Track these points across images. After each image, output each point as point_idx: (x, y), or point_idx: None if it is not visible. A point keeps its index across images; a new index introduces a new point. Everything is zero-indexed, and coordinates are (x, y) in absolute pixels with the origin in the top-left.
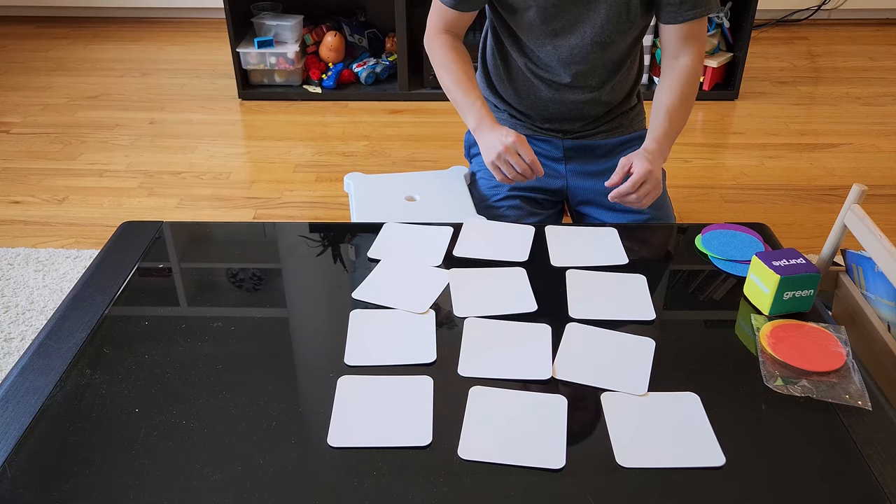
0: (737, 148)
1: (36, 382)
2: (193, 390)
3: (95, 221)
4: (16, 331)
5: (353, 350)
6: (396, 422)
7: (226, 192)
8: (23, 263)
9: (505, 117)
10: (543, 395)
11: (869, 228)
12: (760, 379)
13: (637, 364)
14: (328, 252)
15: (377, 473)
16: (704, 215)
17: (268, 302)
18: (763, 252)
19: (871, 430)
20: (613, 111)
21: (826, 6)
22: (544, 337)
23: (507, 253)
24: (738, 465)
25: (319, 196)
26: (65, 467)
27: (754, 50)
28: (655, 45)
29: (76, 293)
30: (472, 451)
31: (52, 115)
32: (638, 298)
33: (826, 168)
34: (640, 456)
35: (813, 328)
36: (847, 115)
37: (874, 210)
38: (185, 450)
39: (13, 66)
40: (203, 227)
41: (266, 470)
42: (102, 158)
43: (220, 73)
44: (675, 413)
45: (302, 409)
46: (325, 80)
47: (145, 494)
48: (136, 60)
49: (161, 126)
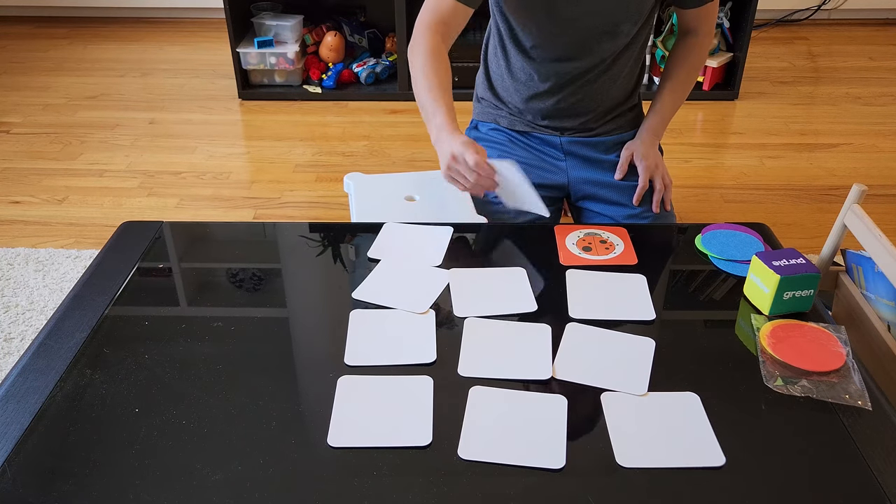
0: (737, 148)
1: (36, 382)
2: (193, 390)
3: (95, 221)
4: (16, 331)
5: (353, 350)
6: (396, 422)
7: (226, 192)
8: (23, 263)
9: (504, 114)
10: (543, 395)
11: (869, 228)
12: (760, 379)
13: (637, 364)
14: (328, 252)
15: (377, 473)
16: (704, 215)
17: (268, 302)
18: (763, 252)
19: (871, 430)
20: (613, 110)
21: (826, 6)
22: (544, 337)
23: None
24: (738, 465)
25: (319, 196)
26: (65, 467)
27: (754, 50)
28: (655, 45)
29: (76, 293)
30: (472, 451)
31: (52, 115)
32: (638, 298)
33: (826, 168)
34: (640, 456)
35: (813, 328)
36: (847, 115)
37: (874, 210)
38: (185, 450)
39: (13, 66)
40: (203, 227)
41: (266, 470)
42: (102, 158)
43: (220, 73)
44: (674, 413)
45: (302, 409)
46: (325, 80)
47: (145, 494)
48: (136, 60)
49: (161, 126)
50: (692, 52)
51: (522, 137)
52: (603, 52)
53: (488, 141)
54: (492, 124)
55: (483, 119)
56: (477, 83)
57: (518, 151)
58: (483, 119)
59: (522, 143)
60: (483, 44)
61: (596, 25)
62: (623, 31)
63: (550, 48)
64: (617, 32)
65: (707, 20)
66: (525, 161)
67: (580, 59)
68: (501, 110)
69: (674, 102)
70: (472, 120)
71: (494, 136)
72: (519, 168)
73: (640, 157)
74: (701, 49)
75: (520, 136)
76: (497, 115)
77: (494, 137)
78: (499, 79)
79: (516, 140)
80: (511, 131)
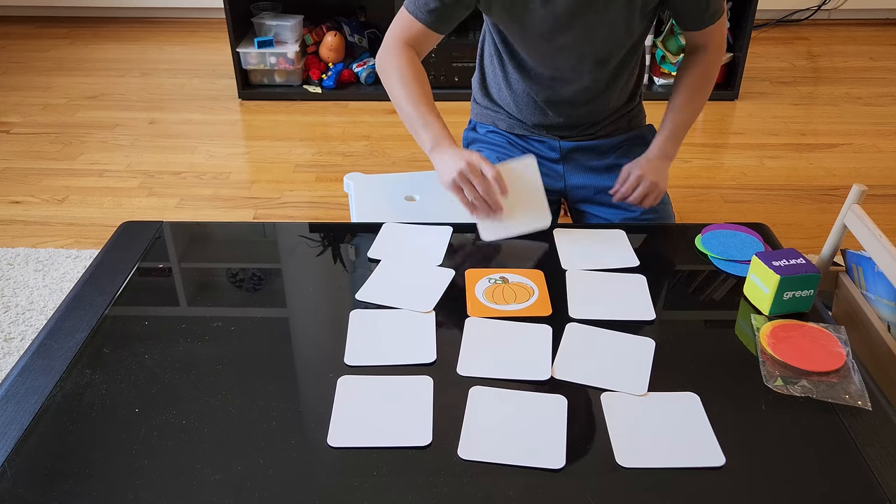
0: (737, 148)
1: (36, 382)
2: (193, 390)
3: (95, 221)
4: (16, 331)
5: (353, 350)
6: (396, 422)
7: (226, 192)
8: (23, 263)
9: (503, 117)
10: (543, 395)
11: (869, 228)
12: (760, 379)
13: (637, 364)
14: (328, 252)
15: (377, 473)
16: (704, 215)
17: (268, 302)
18: (763, 252)
19: (871, 430)
20: (613, 114)
21: (826, 6)
22: (544, 337)
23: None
24: (738, 465)
25: (319, 196)
26: (65, 467)
27: (754, 50)
28: (655, 45)
29: (76, 293)
30: (472, 451)
31: (52, 115)
32: (638, 298)
33: (826, 168)
34: (640, 456)
35: (813, 328)
36: (847, 115)
37: (874, 210)
38: (185, 450)
39: (13, 66)
40: (203, 227)
41: (266, 470)
42: (102, 158)
43: (220, 73)
44: (674, 413)
45: (302, 409)
46: (325, 80)
47: (145, 494)
48: (136, 60)
49: (161, 126)
50: (701, 67)
51: (521, 141)
52: (599, 75)
53: (486, 143)
54: (490, 126)
55: (481, 121)
56: (474, 86)
57: (516, 154)
58: (481, 121)
59: (521, 147)
60: (479, 47)
61: (588, 53)
62: (617, 56)
63: (545, 70)
64: (610, 58)
65: (714, 36)
66: None
67: (576, 82)
68: (500, 113)
69: (685, 120)
70: (469, 121)
71: (493, 138)
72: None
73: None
74: (710, 65)
75: (518, 140)
76: (496, 117)
77: (493, 139)
78: (496, 88)
79: (515, 143)
80: (510, 134)
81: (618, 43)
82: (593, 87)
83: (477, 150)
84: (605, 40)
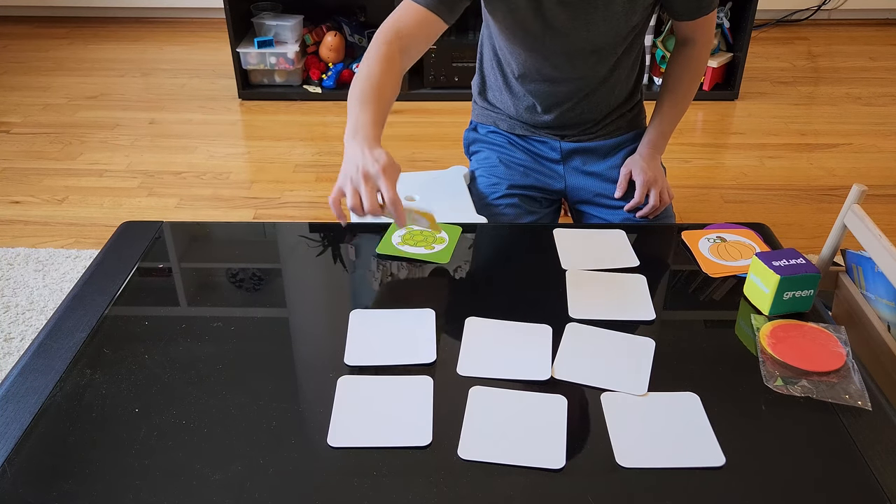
0: (737, 148)
1: (36, 382)
2: (193, 390)
3: (95, 221)
4: (16, 331)
5: (353, 350)
6: (396, 422)
7: (226, 192)
8: (23, 263)
9: (503, 117)
10: (543, 395)
11: (869, 228)
12: (760, 379)
13: (637, 364)
14: (328, 252)
15: (377, 473)
16: (704, 215)
17: (268, 302)
18: (763, 252)
19: (872, 431)
20: (612, 114)
21: (826, 6)
22: (544, 337)
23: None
24: (738, 465)
25: (319, 196)
26: (65, 467)
27: (754, 50)
28: (655, 45)
29: (76, 293)
30: (471, 451)
31: (52, 115)
32: (638, 298)
33: (826, 168)
34: (640, 456)
35: (813, 328)
36: (847, 115)
37: (874, 210)
38: (185, 450)
39: (13, 66)
40: (203, 227)
41: (266, 470)
42: (102, 158)
43: (220, 73)
44: (674, 413)
45: (302, 409)
46: (325, 80)
47: (145, 494)
48: (136, 60)
49: (161, 126)
50: (690, 61)
51: (522, 141)
52: (597, 71)
53: (488, 143)
54: (491, 126)
55: (482, 121)
56: (474, 87)
57: (517, 154)
58: (482, 121)
59: (522, 147)
60: (478, 48)
61: (585, 48)
62: (615, 51)
63: (543, 71)
64: (608, 53)
65: (704, 29)
66: (524, 164)
67: (574, 81)
68: (500, 114)
69: (674, 115)
70: (471, 121)
71: (493, 138)
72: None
73: (640, 171)
74: (699, 59)
75: (519, 140)
76: (496, 118)
77: (493, 140)
78: (496, 91)
79: (516, 143)
80: (511, 134)
81: (617, 34)
82: (592, 81)
83: (477, 151)
84: (603, 33)
